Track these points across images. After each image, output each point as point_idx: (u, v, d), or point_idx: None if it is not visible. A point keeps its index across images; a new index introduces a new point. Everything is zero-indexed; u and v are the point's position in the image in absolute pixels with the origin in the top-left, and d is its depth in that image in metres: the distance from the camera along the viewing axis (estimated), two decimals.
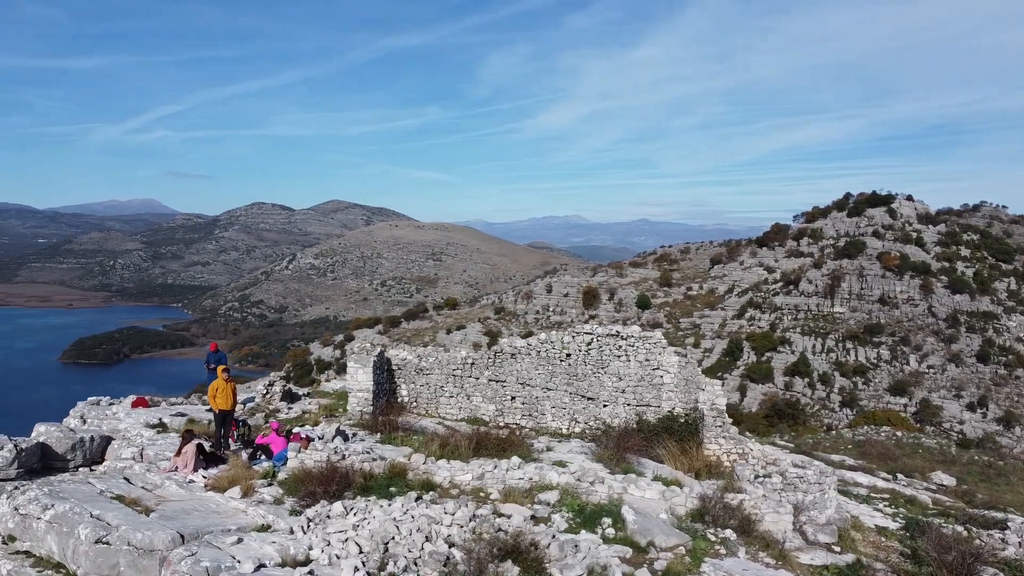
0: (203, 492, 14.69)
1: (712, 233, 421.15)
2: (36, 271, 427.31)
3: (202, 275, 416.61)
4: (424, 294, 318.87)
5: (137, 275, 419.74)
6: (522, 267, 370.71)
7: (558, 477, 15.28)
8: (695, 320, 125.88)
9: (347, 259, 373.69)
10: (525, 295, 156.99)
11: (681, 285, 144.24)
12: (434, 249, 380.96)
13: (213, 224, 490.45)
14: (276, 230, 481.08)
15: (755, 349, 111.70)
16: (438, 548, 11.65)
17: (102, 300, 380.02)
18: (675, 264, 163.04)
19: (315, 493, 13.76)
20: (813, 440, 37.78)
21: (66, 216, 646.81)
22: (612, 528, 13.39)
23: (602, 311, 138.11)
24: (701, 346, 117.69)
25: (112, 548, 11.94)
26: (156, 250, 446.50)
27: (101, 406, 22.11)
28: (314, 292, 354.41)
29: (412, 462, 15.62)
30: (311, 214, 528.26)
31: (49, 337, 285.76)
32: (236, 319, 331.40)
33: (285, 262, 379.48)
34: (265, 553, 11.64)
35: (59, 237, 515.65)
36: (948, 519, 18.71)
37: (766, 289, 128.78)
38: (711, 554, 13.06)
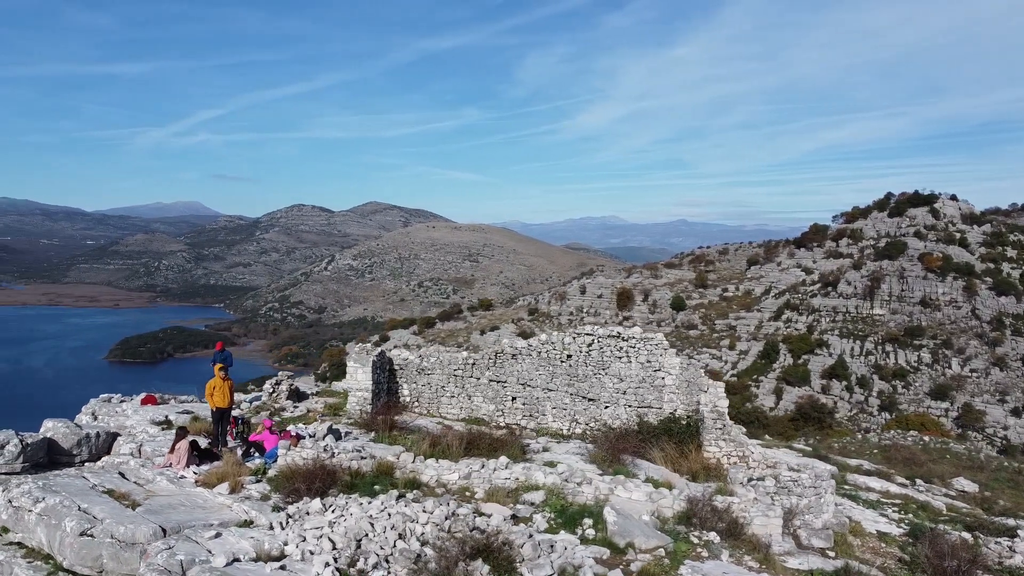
0: (193, 488, 14.95)
1: (752, 234, 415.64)
2: (85, 272, 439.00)
3: (243, 276, 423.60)
4: (461, 295, 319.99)
5: (181, 276, 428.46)
6: (559, 268, 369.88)
7: (544, 478, 15.21)
8: (731, 322, 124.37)
9: (385, 260, 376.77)
10: (559, 296, 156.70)
11: (717, 286, 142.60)
12: (471, 250, 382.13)
13: (254, 226, 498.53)
14: (316, 232, 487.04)
15: (792, 351, 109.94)
16: (410, 546, 11.70)
17: (147, 300, 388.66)
18: (711, 265, 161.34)
19: (299, 490, 13.91)
20: (838, 444, 37.04)
21: (113, 218, 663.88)
22: (592, 529, 13.30)
23: (636, 312, 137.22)
24: (736, 348, 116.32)
25: (95, 540, 12.22)
26: (199, 251, 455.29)
27: (112, 403, 22.66)
28: (352, 293, 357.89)
29: (400, 461, 15.67)
30: (350, 216, 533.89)
31: (96, 336, 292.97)
32: (276, 319, 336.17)
33: (324, 263, 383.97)
34: (241, 548, 11.79)
35: (107, 239, 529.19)
36: (956, 525, 18.19)
37: (804, 290, 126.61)
38: (692, 556, 12.88)
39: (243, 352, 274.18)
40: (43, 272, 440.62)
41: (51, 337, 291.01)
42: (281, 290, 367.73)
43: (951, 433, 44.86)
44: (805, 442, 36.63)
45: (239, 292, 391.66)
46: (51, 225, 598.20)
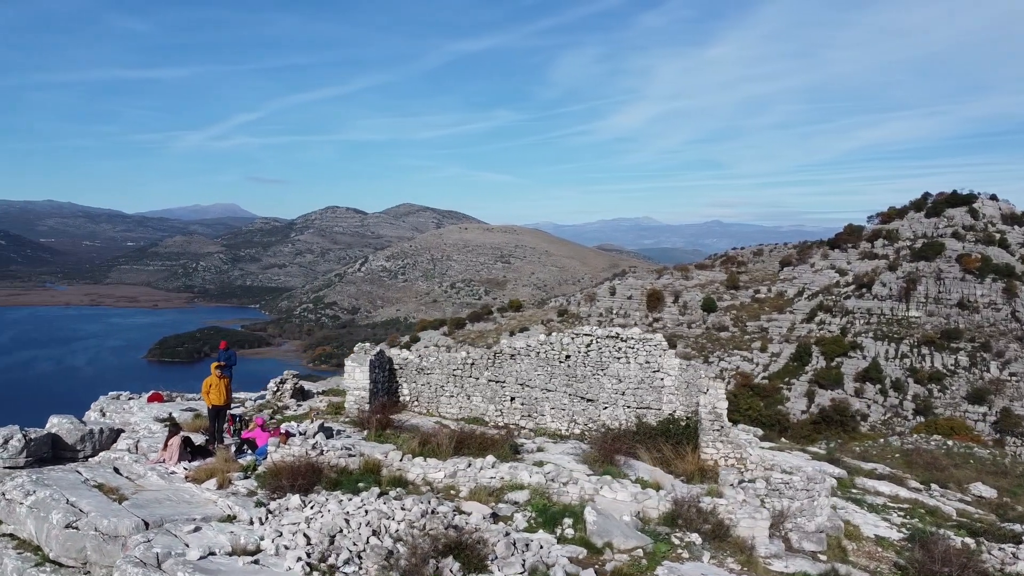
0: (182, 483, 15.20)
1: (788, 235, 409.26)
2: (125, 272, 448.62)
3: (279, 277, 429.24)
4: (492, 296, 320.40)
5: (218, 277, 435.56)
6: (591, 269, 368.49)
7: (530, 477, 15.17)
8: (762, 323, 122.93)
9: (417, 261, 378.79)
10: (588, 297, 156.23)
11: (749, 288, 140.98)
12: (503, 252, 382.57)
13: (289, 228, 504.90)
14: (349, 233, 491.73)
15: (825, 354, 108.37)
16: (383, 542, 11.75)
17: (185, 301, 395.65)
18: (743, 266, 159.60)
19: (284, 487, 14.03)
20: (860, 448, 36.38)
21: (153, 220, 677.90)
22: (572, 529, 13.24)
23: (666, 314, 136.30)
24: (768, 350, 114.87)
25: (80, 533, 12.48)
26: (236, 253, 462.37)
27: (121, 400, 23.17)
28: (385, 294, 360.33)
29: (388, 459, 15.74)
30: (383, 217, 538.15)
31: (136, 336, 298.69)
32: (310, 320, 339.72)
33: (358, 264, 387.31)
34: (218, 542, 11.95)
35: (146, 240, 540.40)
36: (960, 531, 17.73)
37: (837, 292, 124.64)
38: (672, 557, 12.75)
39: (278, 352, 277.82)
40: (85, 273, 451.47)
41: (92, 336, 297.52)
42: (315, 291, 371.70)
43: (981, 438, 43.67)
44: (824, 446, 35.97)
45: (274, 293, 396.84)
46: (93, 227, 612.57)
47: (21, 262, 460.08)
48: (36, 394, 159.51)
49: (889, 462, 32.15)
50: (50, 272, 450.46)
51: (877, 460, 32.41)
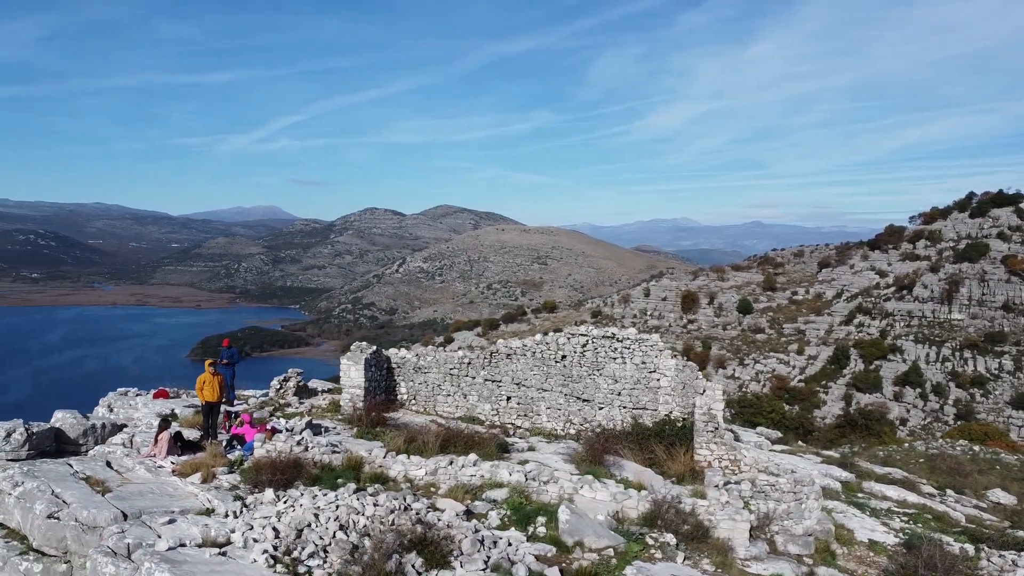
0: (168, 477, 15.50)
1: (830, 236, 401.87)
2: (169, 273, 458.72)
3: (318, 278, 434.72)
4: (529, 297, 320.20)
5: (259, 278, 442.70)
6: (628, 271, 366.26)
7: (509, 476, 15.16)
8: (799, 326, 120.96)
9: (455, 263, 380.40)
10: (623, 299, 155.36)
11: (786, 289, 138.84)
12: (539, 253, 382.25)
13: (329, 229, 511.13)
14: (388, 235, 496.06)
15: (863, 357, 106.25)
16: (350, 537, 11.83)
17: (227, 301, 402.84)
18: (780, 268, 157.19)
19: (264, 481, 14.20)
20: (883, 453, 35.48)
21: (196, 222, 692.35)
22: (544, 527, 13.20)
23: (701, 315, 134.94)
24: (805, 353, 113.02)
25: (61, 523, 12.81)
26: (276, 254, 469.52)
27: (128, 396, 23.71)
28: (423, 295, 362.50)
29: (371, 456, 15.85)
30: (421, 219, 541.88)
31: (180, 335, 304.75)
32: (349, 320, 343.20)
33: (396, 266, 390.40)
34: (190, 534, 12.17)
35: (190, 242, 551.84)
36: (960, 537, 17.20)
37: (877, 294, 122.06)
38: (644, 557, 12.62)
39: (316, 352, 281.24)
40: (131, 273, 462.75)
41: (138, 336, 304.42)
42: (354, 292, 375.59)
43: (1017, 444, 42.31)
44: (846, 450, 35.15)
45: (314, 293, 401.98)
46: (139, 229, 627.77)
47: (71, 263, 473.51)
48: (83, 391, 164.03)
49: (912, 467, 31.36)
50: (98, 272, 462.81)
51: (899, 465, 31.62)
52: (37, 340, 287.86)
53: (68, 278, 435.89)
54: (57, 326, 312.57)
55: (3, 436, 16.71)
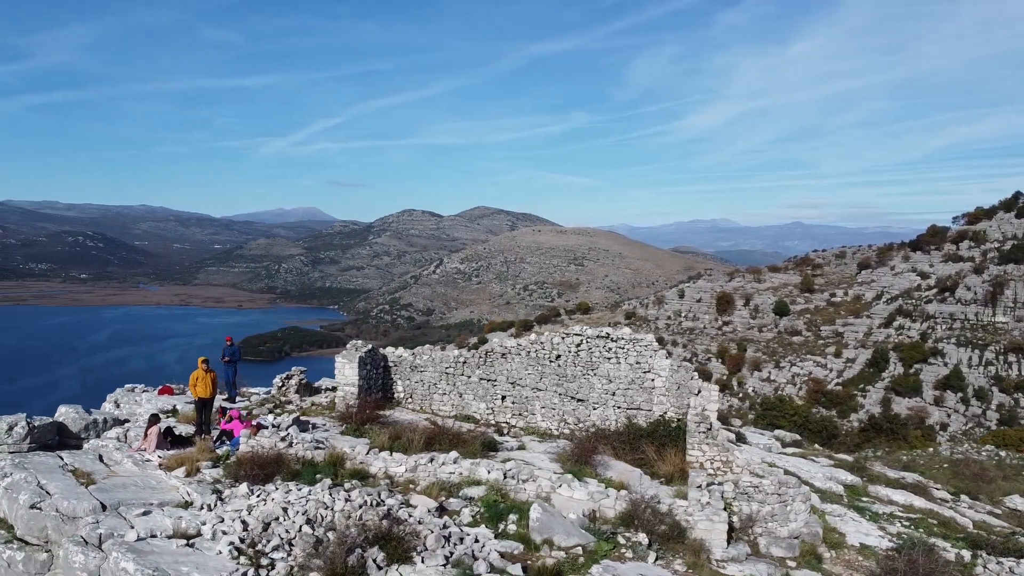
0: (155, 470, 15.82)
1: (873, 236, 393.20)
2: (212, 274, 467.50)
3: (356, 279, 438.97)
4: (565, 299, 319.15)
5: (299, 279, 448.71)
6: (665, 272, 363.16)
7: (488, 474, 15.17)
8: (837, 328, 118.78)
9: (491, 264, 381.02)
10: (657, 300, 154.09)
11: (824, 291, 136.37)
12: (576, 254, 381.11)
13: (367, 230, 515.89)
14: (425, 236, 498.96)
15: (903, 360, 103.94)
16: (316, 531, 11.93)
17: (268, 301, 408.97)
18: (819, 269, 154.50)
19: (242, 476, 14.39)
20: (907, 457, 34.66)
21: (238, 224, 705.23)
22: (515, 525, 13.16)
23: (736, 317, 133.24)
24: (843, 355, 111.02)
25: (42, 513, 13.17)
26: (316, 255, 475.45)
27: (135, 392, 24.24)
28: (460, 296, 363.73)
29: (353, 452, 15.98)
30: (458, 220, 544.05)
31: (222, 335, 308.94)
32: (387, 321, 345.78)
33: (433, 267, 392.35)
34: (161, 525, 12.41)
35: (232, 243, 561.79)
36: (958, 543, 16.70)
37: (918, 296, 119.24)
38: (613, 557, 12.52)
39: None
40: (175, 274, 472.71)
41: (181, 335, 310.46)
42: (391, 292, 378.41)
43: None
44: (862, 453, 34.39)
45: (352, 294, 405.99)
46: (183, 230, 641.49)
47: (117, 264, 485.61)
48: None
49: (935, 472, 30.53)
50: (143, 273, 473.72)
51: (922, 470, 30.82)
52: (85, 339, 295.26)
53: (115, 279, 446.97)
54: (104, 325, 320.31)
55: (5, 429, 17.20)
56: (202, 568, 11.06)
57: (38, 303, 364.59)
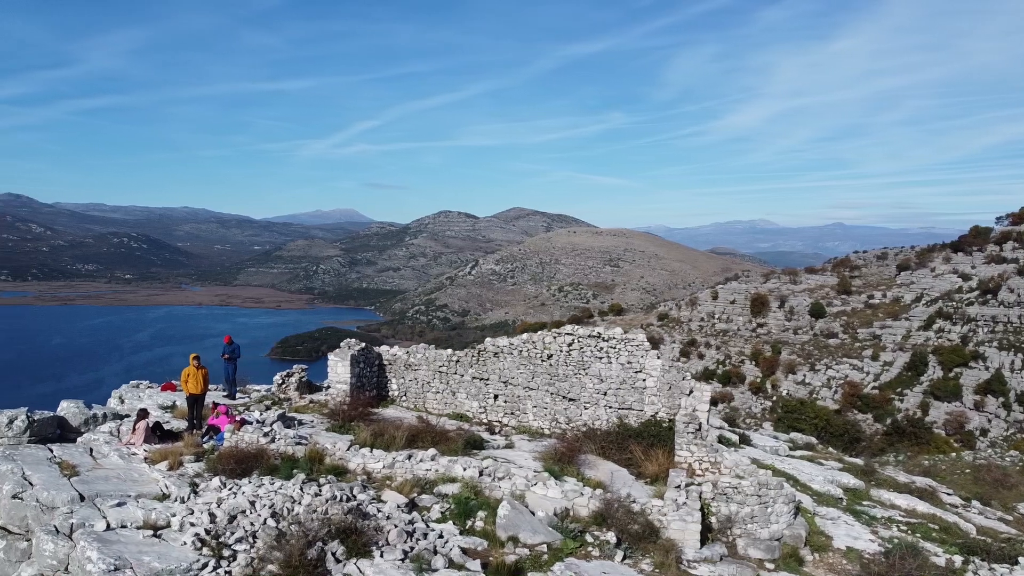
0: (139, 464, 16.14)
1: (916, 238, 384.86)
2: (251, 275, 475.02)
3: (393, 280, 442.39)
4: (600, 300, 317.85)
5: (336, 279, 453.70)
6: (702, 273, 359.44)
7: (464, 471, 15.18)
8: (875, 330, 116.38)
9: (526, 265, 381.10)
10: (690, 302, 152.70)
11: (862, 293, 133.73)
12: (611, 255, 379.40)
13: (404, 232, 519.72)
14: (461, 237, 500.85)
15: (942, 364, 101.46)
16: (280, 524, 12.05)
17: (305, 302, 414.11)
18: (856, 270, 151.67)
19: (218, 470, 14.61)
20: (929, 462, 33.85)
21: (278, 225, 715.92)
22: (482, 522, 13.13)
23: (771, 319, 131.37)
24: (880, 359, 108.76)
25: (24, 503, 13.53)
26: (353, 256, 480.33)
27: (140, 388, 24.76)
28: (495, 297, 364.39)
29: (333, 448, 16.10)
30: (494, 221, 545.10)
31: (260, 335, 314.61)
32: (422, 321, 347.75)
33: (468, 268, 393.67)
34: (133, 516, 12.68)
35: (271, 244, 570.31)
36: (950, 548, 16.23)
37: (959, 298, 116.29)
38: (579, 555, 12.45)
39: None
40: (216, 275, 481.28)
41: (221, 335, 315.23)
42: (427, 294, 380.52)
43: None
44: (896, 458, 33.62)
45: (388, 295, 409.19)
46: (224, 232, 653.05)
47: (160, 264, 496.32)
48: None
49: (956, 477, 29.79)
50: (185, 274, 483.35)
51: (942, 475, 30.10)
52: (129, 338, 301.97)
53: (158, 279, 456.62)
54: (147, 325, 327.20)
55: (6, 423, 17.70)
56: (164, 558, 11.28)
57: (85, 303, 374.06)
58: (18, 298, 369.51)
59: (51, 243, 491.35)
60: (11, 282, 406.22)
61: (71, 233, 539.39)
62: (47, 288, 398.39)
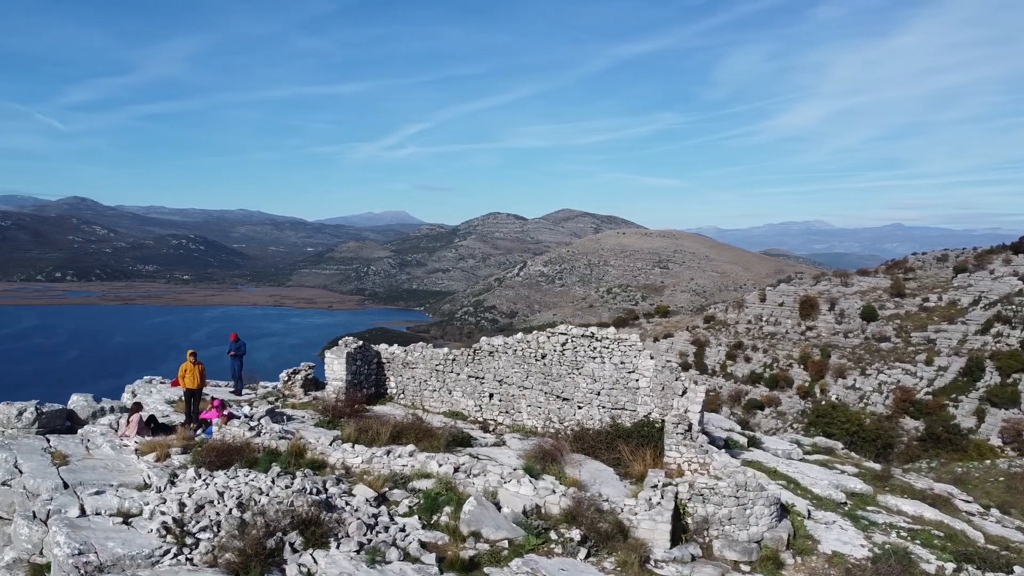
0: (130, 455, 16.65)
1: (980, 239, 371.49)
2: (304, 276, 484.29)
3: (442, 281, 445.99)
4: (649, 302, 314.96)
5: (386, 281, 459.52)
6: (754, 275, 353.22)
7: (439, 467, 15.27)
8: (929, 335, 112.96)
9: (575, 266, 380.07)
10: (736, 304, 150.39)
11: (916, 296, 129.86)
12: (661, 257, 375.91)
13: (453, 233, 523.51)
14: (509, 239, 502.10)
15: (1000, 369, 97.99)
16: (245, 514, 12.31)
17: (357, 303, 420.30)
18: (911, 273, 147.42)
19: (199, 461, 14.99)
20: (962, 470, 32.71)
21: (330, 227, 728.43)
22: (448, 517, 13.21)
23: (820, 322, 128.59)
24: (935, 363, 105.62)
25: (11, 490, 14.13)
26: (403, 258, 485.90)
27: (152, 383, 25.45)
28: (543, 298, 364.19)
29: (316, 443, 16.37)
30: (543, 223, 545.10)
31: (312, 335, 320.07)
32: (471, 323, 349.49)
33: (516, 269, 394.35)
34: (108, 504, 13.14)
35: (324, 246, 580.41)
36: (944, 555, 15.67)
37: (1019, 301, 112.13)
38: (541, 552, 12.47)
39: None
40: (270, 276, 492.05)
41: (275, 335, 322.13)
42: (476, 295, 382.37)
43: None
44: (929, 464, 32.58)
45: (438, 296, 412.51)
46: (278, 234, 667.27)
47: (217, 266, 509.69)
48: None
49: (989, 485, 28.74)
50: (240, 275, 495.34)
51: (975, 483, 29.08)
52: (186, 337, 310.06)
53: (214, 280, 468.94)
54: (205, 324, 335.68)
55: (16, 414, 18.47)
56: (128, 544, 11.67)
57: (145, 303, 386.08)
58: (83, 298, 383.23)
59: (114, 245, 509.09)
60: (76, 282, 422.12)
61: (133, 235, 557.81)
62: (110, 288, 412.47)
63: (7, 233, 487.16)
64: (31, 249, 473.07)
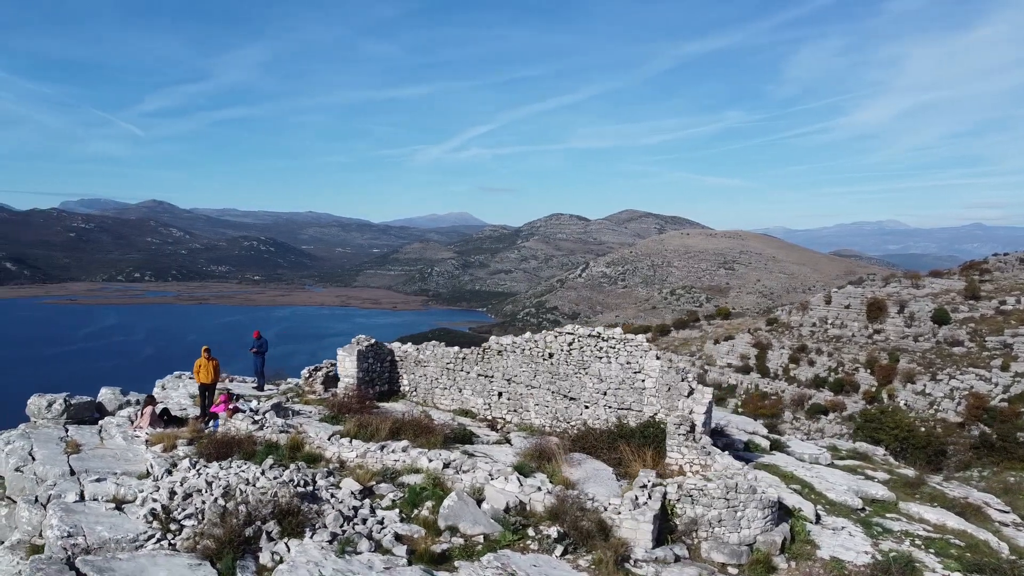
0: (139, 445, 17.31)
1: None
2: (370, 277, 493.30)
3: (504, 282, 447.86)
4: (714, 303, 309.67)
5: (449, 281, 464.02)
6: (823, 276, 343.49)
7: (428, 463, 15.42)
8: (1006, 339, 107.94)
9: (637, 267, 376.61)
10: (801, 306, 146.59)
11: (992, 298, 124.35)
12: (726, 258, 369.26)
13: (515, 235, 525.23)
14: (572, 240, 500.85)
15: None
16: (228, 503, 12.69)
17: (420, 303, 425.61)
18: (987, 274, 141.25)
19: (202, 453, 15.50)
20: (1014, 479, 31.15)
21: (394, 229, 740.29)
22: (427, 511, 13.38)
23: (889, 325, 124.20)
24: (1011, 369, 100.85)
25: (23, 475, 14.88)
26: (466, 259, 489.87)
27: (182, 379, 26.39)
28: (605, 300, 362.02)
29: (315, 437, 16.70)
30: (605, 224, 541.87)
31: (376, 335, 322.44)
32: (532, 324, 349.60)
33: (579, 270, 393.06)
34: (106, 491, 13.79)
35: (388, 247, 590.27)
36: (950, 563, 15.00)
37: None
38: (516, 548, 12.53)
39: None
40: (337, 277, 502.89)
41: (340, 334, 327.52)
42: (538, 296, 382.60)
43: None
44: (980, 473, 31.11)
45: (500, 297, 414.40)
46: (344, 235, 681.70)
47: (286, 266, 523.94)
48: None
49: None
50: (308, 275, 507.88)
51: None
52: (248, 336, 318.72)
53: (283, 280, 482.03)
54: (274, 323, 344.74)
55: (46, 405, 19.48)
56: (116, 528, 12.22)
57: (218, 302, 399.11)
58: (160, 298, 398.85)
59: (189, 246, 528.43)
60: (154, 283, 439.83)
61: (206, 237, 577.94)
62: (185, 288, 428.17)
63: (90, 235, 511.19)
64: (112, 251, 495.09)
